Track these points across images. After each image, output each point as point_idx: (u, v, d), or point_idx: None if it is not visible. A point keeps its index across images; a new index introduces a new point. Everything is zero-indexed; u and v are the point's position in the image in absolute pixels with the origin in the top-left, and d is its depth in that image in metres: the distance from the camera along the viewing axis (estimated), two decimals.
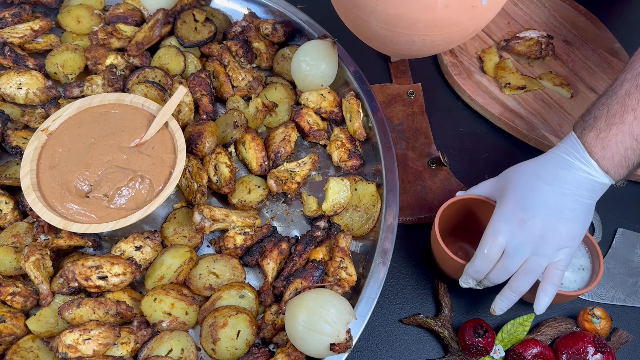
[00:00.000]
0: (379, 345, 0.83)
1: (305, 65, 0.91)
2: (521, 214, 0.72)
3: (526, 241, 0.72)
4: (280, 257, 0.80)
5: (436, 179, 0.95)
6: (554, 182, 0.73)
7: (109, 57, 0.94)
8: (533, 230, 0.72)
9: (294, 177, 0.87)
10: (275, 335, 0.75)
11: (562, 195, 0.72)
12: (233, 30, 1.00)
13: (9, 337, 0.73)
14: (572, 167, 0.73)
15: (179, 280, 0.77)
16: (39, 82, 0.92)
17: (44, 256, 0.76)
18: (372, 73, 1.01)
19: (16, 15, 0.98)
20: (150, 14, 1.01)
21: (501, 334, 0.82)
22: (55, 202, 0.77)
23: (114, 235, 0.83)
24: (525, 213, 0.72)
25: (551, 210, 0.72)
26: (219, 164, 0.86)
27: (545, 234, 0.72)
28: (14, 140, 0.86)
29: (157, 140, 0.83)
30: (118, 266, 0.74)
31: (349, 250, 0.80)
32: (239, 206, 0.85)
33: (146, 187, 0.79)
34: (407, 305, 0.86)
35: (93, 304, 0.72)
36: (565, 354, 0.78)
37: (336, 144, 0.89)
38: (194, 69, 0.97)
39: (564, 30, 1.12)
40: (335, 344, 0.68)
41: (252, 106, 0.92)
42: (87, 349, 0.69)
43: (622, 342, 0.82)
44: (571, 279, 0.80)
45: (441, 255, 0.80)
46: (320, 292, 0.72)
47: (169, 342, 0.73)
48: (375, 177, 0.89)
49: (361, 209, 0.85)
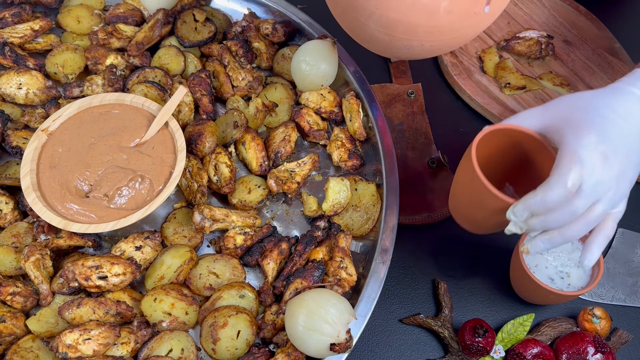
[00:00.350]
0: (379, 345, 0.83)
1: (305, 65, 0.91)
2: (603, 147, 0.62)
3: (604, 180, 0.62)
4: (280, 257, 0.80)
5: (436, 179, 0.95)
6: (629, 118, 0.64)
7: (109, 57, 0.94)
8: (612, 169, 0.62)
9: (294, 177, 0.87)
10: (275, 335, 0.75)
11: (637, 135, 0.64)
12: (233, 30, 1.00)
13: (9, 337, 0.73)
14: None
15: (179, 280, 0.77)
16: (39, 82, 0.92)
17: (44, 256, 0.76)
18: (372, 73, 1.01)
19: (16, 15, 0.98)
20: (150, 14, 1.01)
21: (501, 334, 0.82)
22: (55, 202, 0.77)
23: (114, 235, 0.83)
24: (607, 146, 0.62)
25: (628, 150, 0.63)
26: (219, 164, 0.86)
27: (620, 177, 0.63)
28: (14, 140, 0.86)
29: (157, 140, 0.83)
30: (118, 266, 0.74)
31: (349, 250, 0.80)
32: (239, 206, 0.85)
33: (146, 187, 0.79)
34: (407, 305, 0.86)
35: (93, 304, 0.72)
36: (565, 354, 0.78)
37: (336, 144, 0.89)
38: (194, 69, 0.97)
39: (564, 30, 1.12)
40: (336, 344, 0.68)
41: (252, 106, 0.92)
42: (87, 349, 0.69)
43: (622, 342, 0.82)
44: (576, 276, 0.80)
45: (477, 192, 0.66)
46: (320, 292, 0.72)
47: (169, 342, 0.73)
48: (375, 177, 0.89)
49: (361, 209, 0.85)
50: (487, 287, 0.87)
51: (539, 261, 0.80)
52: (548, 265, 0.80)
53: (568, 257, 0.80)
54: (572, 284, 0.79)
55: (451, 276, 0.88)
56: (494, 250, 0.90)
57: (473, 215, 0.73)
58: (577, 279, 0.79)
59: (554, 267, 0.80)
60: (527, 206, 0.62)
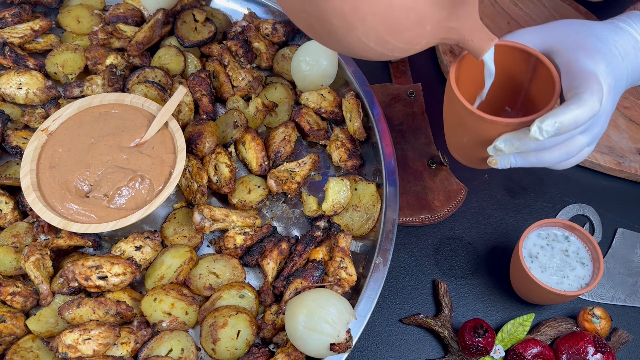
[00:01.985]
0: (379, 345, 0.83)
1: (305, 65, 0.91)
2: (610, 79, 0.60)
3: (601, 114, 0.61)
4: (280, 257, 0.80)
5: (436, 179, 0.95)
6: (625, 58, 0.63)
7: (109, 57, 0.94)
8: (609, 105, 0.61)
9: (294, 177, 0.87)
10: (275, 335, 0.75)
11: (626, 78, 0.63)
12: (233, 30, 1.00)
13: (9, 337, 0.73)
14: (638, 50, 0.64)
15: (179, 280, 0.77)
16: (39, 82, 0.92)
17: (44, 256, 0.76)
18: (372, 73, 1.01)
19: (16, 15, 0.98)
20: (150, 14, 1.01)
21: (501, 334, 0.82)
22: (55, 202, 0.77)
23: (114, 235, 0.83)
24: (613, 80, 0.61)
25: (618, 90, 0.62)
26: (219, 164, 0.86)
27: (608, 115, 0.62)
28: (14, 140, 0.86)
29: (157, 140, 0.83)
30: (118, 266, 0.74)
31: (349, 250, 0.80)
32: (239, 206, 0.85)
33: (146, 187, 0.79)
34: (407, 305, 0.86)
35: (93, 304, 0.72)
36: (565, 354, 0.78)
37: (336, 144, 0.89)
38: (194, 69, 0.97)
39: None
40: (335, 344, 0.68)
41: (252, 106, 0.92)
42: (87, 349, 0.69)
43: (622, 342, 0.82)
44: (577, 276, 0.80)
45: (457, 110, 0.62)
46: (320, 292, 0.72)
47: (169, 342, 0.73)
48: (375, 177, 0.89)
49: (361, 209, 0.85)
50: (487, 287, 0.88)
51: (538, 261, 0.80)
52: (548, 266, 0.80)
53: (567, 259, 0.81)
54: (572, 283, 0.79)
55: (451, 276, 0.88)
56: (494, 250, 0.90)
57: (460, 141, 0.68)
58: (577, 278, 0.79)
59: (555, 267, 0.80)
60: (560, 122, 0.57)
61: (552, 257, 0.81)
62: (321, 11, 0.47)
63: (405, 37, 0.50)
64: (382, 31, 0.48)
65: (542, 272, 0.80)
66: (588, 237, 0.80)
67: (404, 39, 0.50)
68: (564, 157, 0.62)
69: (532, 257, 0.81)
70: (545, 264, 0.80)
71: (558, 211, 0.94)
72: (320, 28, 0.50)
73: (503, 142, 0.60)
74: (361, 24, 0.47)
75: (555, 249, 0.81)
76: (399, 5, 0.46)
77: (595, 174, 0.98)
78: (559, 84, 0.62)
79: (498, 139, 0.61)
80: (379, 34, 0.48)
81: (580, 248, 0.81)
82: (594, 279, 0.78)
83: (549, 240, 0.82)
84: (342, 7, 0.46)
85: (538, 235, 0.82)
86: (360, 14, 0.46)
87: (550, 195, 0.95)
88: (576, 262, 0.80)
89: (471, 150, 0.67)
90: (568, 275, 0.80)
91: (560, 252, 0.81)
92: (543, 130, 0.57)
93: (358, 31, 0.48)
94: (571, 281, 0.79)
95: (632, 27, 0.65)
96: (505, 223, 0.93)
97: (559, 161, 0.63)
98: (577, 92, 0.58)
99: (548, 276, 0.79)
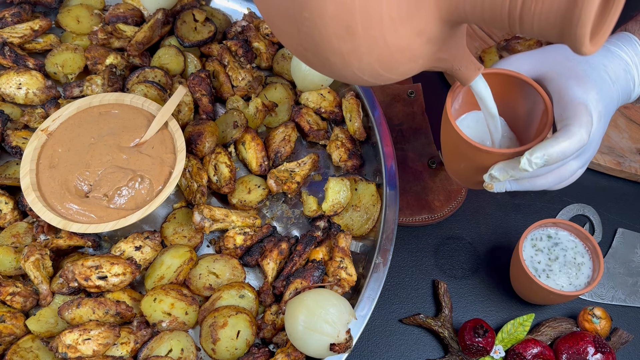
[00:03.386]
0: (379, 345, 0.83)
1: (305, 65, 0.91)
2: (600, 107, 0.61)
3: (593, 140, 0.62)
4: (280, 257, 0.80)
5: (436, 179, 0.95)
6: (616, 82, 0.64)
7: (108, 57, 0.94)
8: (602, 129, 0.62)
9: (294, 177, 0.87)
10: (275, 335, 0.75)
11: (617, 101, 0.64)
12: (233, 30, 1.00)
13: (8, 337, 0.72)
14: (628, 72, 0.65)
15: (178, 280, 0.77)
16: (38, 82, 0.92)
17: (44, 256, 0.76)
18: None
19: (16, 15, 0.97)
20: (150, 14, 1.01)
21: (501, 334, 0.82)
22: (55, 202, 0.77)
23: (114, 235, 0.83)
24: (604, 107, 0.62)
25: (609, 114, 0.63)
26: (218, 164, 0.86)
27: (600, 140, 0.63)
28: (13, 140, 0.86)
29: (157, 140, 0.83)
30: (118, 266, 0.74)
31: (349, 250, 0.80)
32: (239, 206, 0.85)
33: (146, 187, 0.79)
34: (407, 305, 0.86)
35: (93, 304, 0.72)
36: (565, 354, 0.78)
37: (336, 144, 0.89)
38: (194, 69, 0.97)
39: None
40: (335, 344, 0.68)
41: (252, 106, 0.92)
42: (87, 349, 0.69)
43: (622, 342, 0.82)
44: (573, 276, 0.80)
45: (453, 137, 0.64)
46: (320, 292, 0.72)
47: (168, 342, 0.73)
48: (375, 177, 0.89)
49: (361, 209, 0.85)
50: (487, 287, 0.88)
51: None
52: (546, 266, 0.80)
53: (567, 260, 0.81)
54: (573, 283, 0.79)
55: (451, 276, 0.88)
56: (494, 250, 0.90)
57: (457, 166, 0.70)
58: (577, 279, 0.79)
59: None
60: (549, 154, 0.59)
61: (552, 257, 0.81)
62: (319, 49, 0.49)
63: (399, 71, 0.52)
64: (378, 68, 0.50)
65: (542, 272, 0.80)
66: (588, 237, 0.80)
67: (398, 73, 0.52)
68: (557, 181, 0.64)
69: (532, 257, 0.81)
70: (546, 264, 0.80)
71: (558, 211, 0.94)
72: (316, 61, 0.52)
73: (498, 170, 0.62)
74: (358, 62, 0.49)
75: (555, 249, 0.81)
76: (395, 46, 0.48)
77: (595, 174, 0.98)
78: (551, 113, 0.63)
79: (493, 167, 0.63)
80: (374, 69, 0.50)
81: (580, 248, 0.81)
82: (594, 279, 0.78)
83: (549, 240, 0.82)
84: (341, 48, 0.48)
85: (538, 235, 0.82)
86: (358, 54, 0.48)
87: (550, 195, 0.95)
88: (576, 262, 0.80)
89: (468, 175, 0.69)
90: (568, 275, 0.80)
91: (560, 252, 0.81)
92: (532, 162, 0.59)
93: (354, 67, 0.50)
94: (571, 281, 0.79)
95: (622, 50, 0.66)
96: (505, 223, 0.93)
97: (552, 186, 0.65)
98: (567, 123, 0.60)
99: (548, 276, 0.79)
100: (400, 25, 0.46)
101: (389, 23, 0.46)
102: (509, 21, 0.45)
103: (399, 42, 0.48)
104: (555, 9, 0.42)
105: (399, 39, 0.47)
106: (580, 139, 0.59)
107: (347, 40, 0.47)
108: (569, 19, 0.42)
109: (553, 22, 0.43)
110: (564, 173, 0.64)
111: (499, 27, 0.47)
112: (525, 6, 0.43)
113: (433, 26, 0.48)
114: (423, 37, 0.49)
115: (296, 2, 0.45)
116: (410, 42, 0.48)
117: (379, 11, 0.45)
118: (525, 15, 0.44)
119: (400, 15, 0.46)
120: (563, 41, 0.44)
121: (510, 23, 0.45)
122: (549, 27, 0.44)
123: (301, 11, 0.46)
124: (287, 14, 0.47)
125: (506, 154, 0.62)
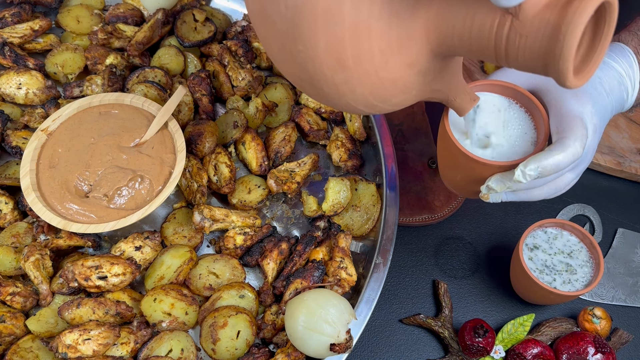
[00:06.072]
0: (379, 345, 0.83)
1: None
2: (595, 119, 0.62)
3: (588, 152, 0.63)
4: (280, 257, 0.80)
5: (436, 179, 0.95)
6: (610, 94, 0.65)
7: (108, 57, 0.94)
8: (596, 140, 0.63)
9: (294, 177, 0.87)
10: (275, 335, 0.75)
11: (611, 113, 0.65)
12: (233, 30, 1.00)
13: (8, 337, 0.72)
14: (622, 84, 0.66)
15: (178, 280, 0.77)
16: (38, 82, 0.92)
17: (44, 256, 0.76)
18: None
19: (16, 15, 0.97)
20: (150, 14, 1.01)
21: (501, 334, 0.82)
22: (55, 202, 0.77)
23: (114, 235, 0.83)
24: (597, 119, 0.63)
25: (603, 125, 0.64)
26: (218, 164, 0.86)
27: (594, 152, 0.64)
28: (13, 140, 0.86)
29: (157, 140, 0.83)
30: (118, 266, 0.74)
31: (349, 250, 0.80)
32: (239, 206, 0.85)
33: (146, 187, 0.79)
34: (407, 305, 0.86)
35: (93, 304, 0.72)
36: (566, 354, 0.78)
37: (336, 144, 0.89)
38: (194, 69, 0.97)
39: None
40: (335, 344, 0.68)
41: (252, 106, 0.92)
42: (87, 349, 0.69)
43: (623, 342, 0.82)
44: (573, 278, 0.80)
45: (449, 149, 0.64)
46: (320, 292, 0.72)
47: (168, 342, 0.73)
48: (375, 177, 0.89)
49: (361, 209, 0.85)
50: (487, 287, 0.88)
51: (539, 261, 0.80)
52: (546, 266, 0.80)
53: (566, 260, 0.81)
54: (573, 283, 0.79)
55: (451, 276, 0.88)
56: (494, 250, 0.90)
57: (454, 177, 0.70)
58: (577, 279, 0.79)
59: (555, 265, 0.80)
60: (543, 167, 0.59)
61: (552, 257, 0.81)
62: (313, 80, 0.50)
63: (392, 102, 0.53)
64: (371, 99, 0.51)
65: (543, 272, 0.80)
66: (588, 237, 0.80)
67: (392, 103, 0.53)
68: (553, 192, 0.65)
69: (533, 257, 0.81)
70: (546, 264, 0.80)
71: (558, 211, 0.94)
72: (312, 91, 0.53)
73: (494, 182, 0.63)
74: (351, 93, 0.50)
75: (555, 249, 0.81)
76: (386, 78, 0.49)
77: (595, 174, 0.98)
78: (547, 125, 0.64)
79: (490, 178, 0.63)
80: (367, 100, 0.51)
81: (580, 248, 0.81)
82: (594, 279, 0.78)
83: (549, 241, 0.82)
84: (334, 79, 0.49)
85: (538, 235, 0.82)
86: (351, 86, 0.49)
87: None
88: (576, 262, 0.80)
89: (464, 186, 0.69)
90: (568, 276, 0.80)
91: (560, 252, 0.81)
92: (526, 175, 0.59)
93: (348, 98, 0.51)
94: (571, 281, 0.79)
95: (616, 62, 0.67)
96: (505, 223, 0.93)
97: (548, 196, 0.66)
98: (562, 136, 0.60)
99: (548, 276, 0.79)
100: (391, 58, 0.47)
101: (379, 56, 0.47)
102: (495, 55, 0.46)
103: (390, 74, 0.49)
104: (538, 44, 0.43)
105: (390, 71, 0.48)
106: (574, 152, 0.59)
107: (339, 72, 0.48)
108: (552, 53, 0.43)
109: (537, 56, 0.44)
110: (559, 184, 0.65)
111: (487, 60, 0.47)
112: (510, 41, 0.44)
113: (424, 58, 0.49)
114: (414, 69, 0.50)
115: (290, 35, 0.47)
116: (402, 73, 0.49)
117: (369, 44, 0.46)
118: (511, 49, 0.45)
119: (391, 48, 0.47)
120: (548, 74, 0.45)
121: (497, 56, 0.46)
122: (534, 61, 0.44)
123: (295, 44, 0.47)
124: (283, 46, 0.48)
125: (503, 166, 0.63)
